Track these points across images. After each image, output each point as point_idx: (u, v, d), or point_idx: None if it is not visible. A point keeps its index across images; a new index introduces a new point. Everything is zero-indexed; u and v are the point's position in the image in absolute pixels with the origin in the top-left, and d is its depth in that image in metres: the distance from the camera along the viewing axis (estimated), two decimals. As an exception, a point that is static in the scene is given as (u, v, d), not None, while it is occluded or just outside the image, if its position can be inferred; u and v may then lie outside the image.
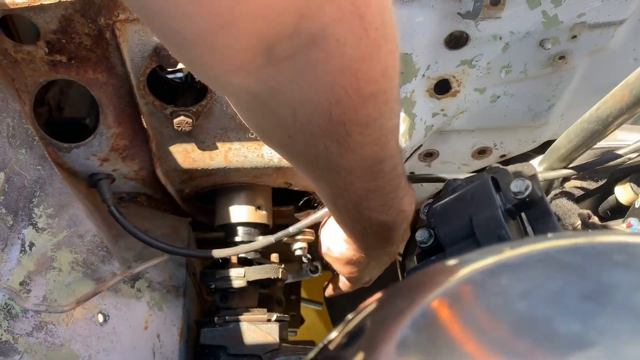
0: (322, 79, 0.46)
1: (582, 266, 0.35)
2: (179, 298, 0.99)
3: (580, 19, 0.82)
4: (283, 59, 0.43)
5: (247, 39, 0.39)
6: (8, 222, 0.72)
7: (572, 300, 0.32)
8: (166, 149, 0.91)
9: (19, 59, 0.79)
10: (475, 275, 0.36)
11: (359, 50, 0.44)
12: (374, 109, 0.50)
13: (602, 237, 0.38)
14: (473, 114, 0.95)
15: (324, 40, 0.42)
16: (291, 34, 0.41)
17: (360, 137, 0.52)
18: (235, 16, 0.37)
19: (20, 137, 0.76)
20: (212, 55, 0.42)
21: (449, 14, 0.79)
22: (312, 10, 0.40)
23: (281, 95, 0.48)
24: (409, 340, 0.32)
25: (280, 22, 0.39)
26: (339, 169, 0.56)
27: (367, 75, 0.46)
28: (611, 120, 0.63)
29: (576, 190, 0.85)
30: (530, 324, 0.31)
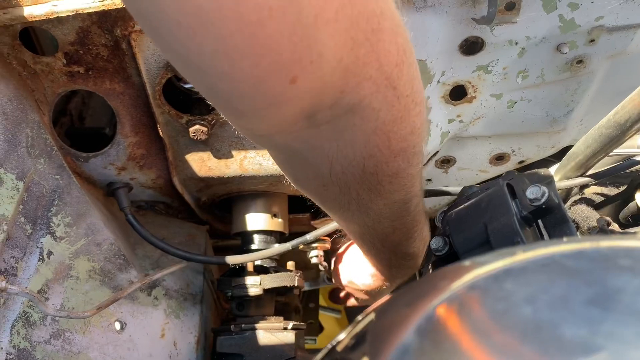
0: (358, 139, 0.51)
1: (588, 271, 0.35)
2: (196, 306, 1.00)
3: (598, 22, 0.80)
4: (323, 123, 0.47)
5: (293, 112, 0.44)
6: (27, 231, 0.73)
7: (577, 305, 0.31)
8: (182, 158, 0.92)
9: (38, 71, 0.80)
10: (480, 281, 0.36)
11: (391, 115, 0.49)
12: (403, 161, 0.55)
13: (607, 242, 0.38)
14: (490, 119, 0.94)
15: (361, 109, 0.47)
16: (332, 105, 0.45)
17: (390, 185, 0.57)
18: (285, 97, 0.41)
19: (39, 147, 0.77)
20: (259, 123, 0.46)
21: (463, 19, 0.79)
22: (352, 86, 0.44)
23: (319, 152, 0.52)
24: (413, 346, 0.32)
25: (323, 97, 0.43)
26: (369, 211, 0.62)
27: (398, 135, 0.52)
28: (630, 125, 0.62)
29: (596, 196, 0.84)
30: (536, 329, 0.31)
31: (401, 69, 0.47)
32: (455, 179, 1.07)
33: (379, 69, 0.44)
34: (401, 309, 0.37)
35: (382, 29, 0.43)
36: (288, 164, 0.58)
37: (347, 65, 0.42)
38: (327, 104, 0.45)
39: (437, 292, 0.35)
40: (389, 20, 0.43)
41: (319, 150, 0.52)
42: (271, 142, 0.52)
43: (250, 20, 0.34)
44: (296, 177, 0.60)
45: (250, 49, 0.36)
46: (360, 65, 0.43)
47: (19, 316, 0.69)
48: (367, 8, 0.40)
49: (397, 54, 0.45)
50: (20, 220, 0.73)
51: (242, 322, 0.97)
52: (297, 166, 0.57)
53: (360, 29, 0.41)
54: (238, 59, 0.36)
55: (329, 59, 0.40)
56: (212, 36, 0.35)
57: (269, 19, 0.34)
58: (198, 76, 0.41)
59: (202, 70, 0.39)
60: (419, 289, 0.41)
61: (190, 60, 0.38)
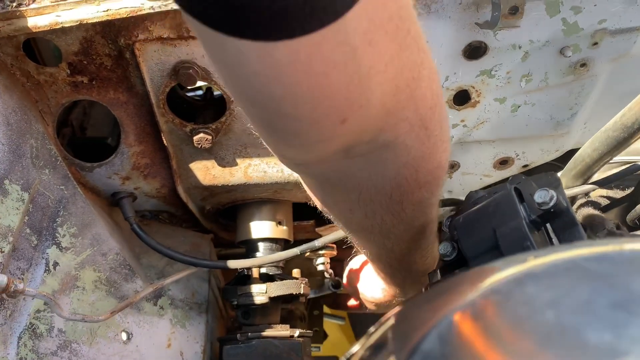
0: (389, 171, 0.55)
1: (611, 274, 0.34)
2: (202, 315, 0.99)
3: (601, 25, 0.81)
4: (358, 156, 0.51)
5: (336, 146, 0.48)
6: (32, 242, 0.73)
7: (602, 309, 0.31)
8: (186, 166, 0.92)
9: (42, 81, 0.80)
10: (501, 285, 0.35)
11: (421, 151, 0.53)
12: (427, 191, 0.59)
13: (631, 245, 0.37)
14: (494, 124, 0.94)
15: (395, 146, 0.51)
16: (369, 141, 0.49)
17: (412, 212, 0.61)
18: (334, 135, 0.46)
19: (43, 158, 0.77)
20: (304, 155, 0.51)
21: (466, 24, 0.79)
22: (390, 126, 0.48)
23: (351, 180, 0.56)
24: (434, 352, 0.32)
25: (364, 135, 0.48)
26: (390, 235, 0.65)
27: (425, 169, 0.56)
28: (637, 127, 0.62)
29: (602, 199, 0.83)
30: (559, 334, 0.30)
31: (434, 111, 0.51)
32: (459, 184, 1.07)
33: (415, 111, 0.49)
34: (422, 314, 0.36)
35: (421, 77, 0.47)
36: (319, 189, 0.62)
37: (389, 108, 0.46)
38: (366, 140, 0.49)
39: (458, 297, 0.35)
40: (427, 69, 0.48)
41: (351, 179, 0.56)
42: (308, 170, 0.57)
43: (317, 72, 0.39)
44: (325, 201, 0.64)
45: (312, 95, 0.40)
46: (400, 109, 0.48)
47: (25, 328, 0.69)
48: (410, 59, 0.45)
49: (431, 98, 0.50)
50: (26, 231, 0.72)
51: (248, 330, 0.97)
52: (327, 192, 0.61)
53: (403, 78, 0.45)
54: (301, 103, 0.41)
55: (375, 103, 0.44)
56: (283, 84, 0.39)
57: (332, 71, 0.39)
58: (260, 114, 0.46)
59: (266, 109, 0.44)
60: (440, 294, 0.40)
61: (258, 101, 0.43)
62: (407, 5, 0.43)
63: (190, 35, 0.76)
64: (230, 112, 0.85)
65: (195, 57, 0.78)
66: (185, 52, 0.77)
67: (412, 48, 0.45)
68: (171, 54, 0.77)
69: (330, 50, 0.37)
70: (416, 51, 0.46)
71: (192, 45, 0.77)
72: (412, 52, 0.45)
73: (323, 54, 0.38)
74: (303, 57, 0.37)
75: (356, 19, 0.37)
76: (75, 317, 0.69)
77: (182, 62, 0.78)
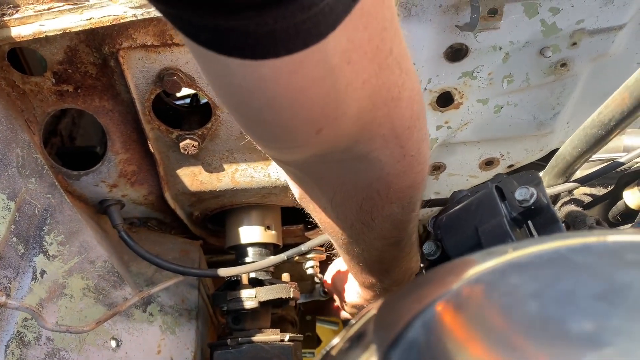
0: (360, 181, 0.56)
1: (594, 265, 0.34)
2: (192, 321, 0.99)
3: (579, 25, 0.82)
4: (332, 162, 0.53)
5: (312, 152, 0.50)
6: (19, 251, 0.73)
7: (584, 300, 0.31)
8: (174, 173, 0.92)
9: (27, 91, 0.81)
10: (485, 275, 0.36)
11: (395, 169, 0.55)
12: (397, 207, 0.60)
13: (614, 237, 0.37)
14: (477, 125, 0.95)
15: (369, 159, 0.53)
16: (344, 150, 0.51)
17: (382, 224, 0.62)
18: (309, 143, 0.48)
19: (30, 167, 0.77)
20: (282, 156, 0.53)
21: (447, 27, 0.80)
22: (365, 139, 0.50)
23: (325, 181, 0.58)
24: (419, 340, 0.32)
25: (338, 144, 0.49)
26: (360, 241, 0.67)
27: (398, 186, 0.57)
28: (614, 124, 0.63)
29: (585, 197, 0.84)
30: (542, 324, 0.30)
31: (412, 132, 0.53)
32: (445, 185, 1.08)
33: (391, 129, 0.51)
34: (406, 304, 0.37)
35: (401, 98, 0.49)
36: (298, 182, 0.64)
37: (364, 123, 0.48)
38: (340, 149, 0.50)
39: (442, 286, 0.35)
40: (408, 90, 0.50)
41: (326, 181, 0.58)
42: (287, 167, 0.59)
43: (295, 87, 0.41)
44: (303, 195, 0.65)
45: (290, 106, 0.43)
46: (376, 125, 0.49)
47: (13, 336, 0.69)
48: (390, 79, 0.47)
49: (410, 119, 0.52)
50: (13, 240, 0.72)
51: (238, 335, 0.97)
52: (306, 185, 0.62)
53: (381, 97, 0.47)
54: (279, 112, 0.43)
55: (350, 116, 0.46)
56: (265, 97, 0.42)
57: (311, 86, 0.41)
58: (243, 120, 0.49)
59: (248, 117, 0.47)
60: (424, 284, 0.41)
61: (240, 109, 0.46)
62: (391, 27, 0.44)
63: (174, 43, 0.76)
64: (215, 118, 0.86)
65: (179, 63, 0.78)
66: (170, 59, 0.78)
67: (393, 69, 0.47)
68: (155, 61, 0.78)
69: (310, 68, 0.39)
70: (397, 72, 0.47)
71: (176, 52, 0.77)
72: (392, 72, 0.47)
73: (304, 72, 0.40)
74: (285, 74, 0.39)
75: (336, 39, 0.38)
76: (60, 329, 0.69)
77: (167, 69, 0.79)
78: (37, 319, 0.65)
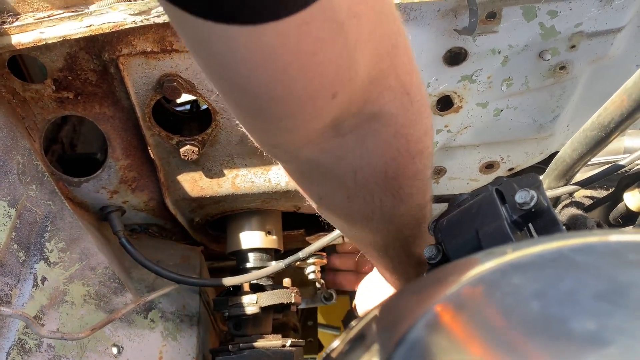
0: (379, 144, 0.55)
1: (596, 265, 0.34)
2: (193, 327, 0.99)
3: (578, 28, 0.82)
4: (347, 132, 0.52)
5: (326, 122, 0.48)
6: (20, 258, 0.73)
7: (586, 299, 0.31)
8: (174, 179, 0.92)
9: (28, 98, 0.81)
10: (487, 276, 0.36)
11: (407, 118, 0.54)
12: (420, 163, 0.59)
13: (616, 236, 0.37)
14: (477, 128, 0.95)
15: (382, 116, 0.52)
16: (355, 114, 0.50)
17: (410, 188, 0.61)
18: (326, 111, 0.46)
19: (30, 174, 0.77)
20: (288, 134, 0.49)
21: (445, 30, 0.80)
22: (375, 95, 0.49)
23: (344, 161, 0.56)
24: (421, 340, 0.32)
25: (351, 107, 0.48)
26: (393, 218, 0.64)
27: (415, 137, 0.56)
28: (613, 126, 0.63)
29: (586, 199, 0.84)
30: (544, 324, 0.30)
31: (412, 76, 0.52)
32: (446, 189, 1.08)
33: (396, 78, 0.50)
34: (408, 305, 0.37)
35: (399, 45, 0.48)
36: (310, 180, 0.61)
37: (373, 77, 0.47)
38: (353, 112, 0.49)
39: (444, 287, 0.35)
40: (402, 36, 0.49)
41: (344, 161, 0.56)
42: (299, 156, 0.55)
43: (306, 51, 0.39)
44: (319, 194, 0.63)
45: (302, 75, 0.40)
46: (383, 77, 0.48)
47: (14, 343, 0.69)
48: (388, 27, 0.46)
49: (409, 63, 0.52)
50: (13, 247, 0.72)
51: (240, 341, 0.97)
52: (320, 181, 0.60)
53: (384, 46, 0.46)
54: (292, 84, 0.41)
55: (361, 74, 0.45)
56: (273, 68, 0.39)
57: (321, 49, 0.39)
58: (251, 101, 0.45)
59: (257, 95, 0.43)
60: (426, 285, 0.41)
61: (248, 88, 0.42)
62: None
63: (173, 49, 0.77)
64: (216, 124, 0.86)
65: (179, 69, 0.79)
66: (169, 65, 0.78)
67: (390, 16, 0.46)
68: (155, 67, 0.78)
69: (318, 28, 0.38)
70: (393, 19, 0.47)
71: (175, 58, 0.78)
72: (389, 20, 0.46)
73: (311, 33, 0.38)
74: (292, 38, 0.37)
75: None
76: (55, 335, 0.69)
77: (167, 75, 0.79)
78: (32, 325, 0.65)
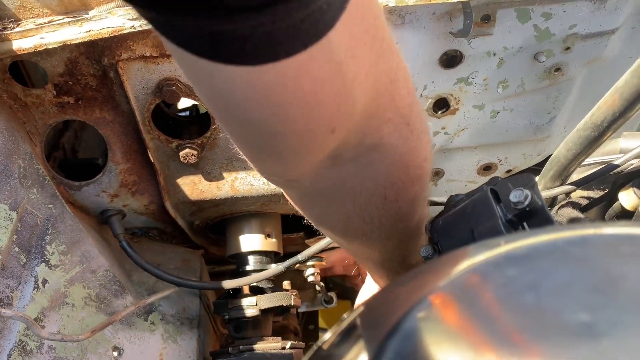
0: (379, 172, 0.56)
1: (590, 258, 0.35)
2: (193, 330, 1.00)
3: (572, 30, 0.83)
4: (347, 161, 0.53)
5: (325, 154, 0.49)
6: (21, 260, 0.74)
7: (580, 291, 0.32)
8: (174, 182, 0.93)
9: (29, 103, 0.82)
10: (482, 267, 0.36)
11: (407, 147, 0.55)
12: (419, 187, 0.61)
13: (610, 229, 0.38)
14: (474, 130, 0.96)
15: (381, 146, 0.53)
16: (355, 146, 0.51)
17: (409, 209, 0.63)
18: (325, 145, 0.47)
19: (31, 178, 0.78)
20: (288, 166, 0.51)
21: (441, 33, 0.81)
22: (373, 128, 0.50)
23: (343, 187, 0.57)
24: (415, 330, 0.32)
25: (350, 140, 0.49)
26: (391, 236, 0.65)
27: (415, 163, 0.58)
28: (606, 125, 0.63)
29: (582, 200, 0.85)
30: (539, 315, 0.31)
31: (412, 108, 0.54)
32: (444, 191, 1.08)
33: (395, 111, 0.52)
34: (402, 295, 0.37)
35: (398, 79, 0.50)
36: (310, 204, 0.63)
37: (371, 112, 0.48)
38: (352, 144, 0.51)
39: (438, 277, 0.35)
40: (402, 70, 0.51)
41: (344, 186, 0.57)
42: (299, 186, 0.57)
43: (306, 90, 0.40)
44: (319, 215, 0.65)
45: (302, 112, 0.42)
46: (382, 112, 0.50)
47: (15, 345, 0.70)
48: (387, 64, 0.48)
49: (408, 96, 0.53)
50: (15, 249, 0.73)
51: (239, 344, 0.97)
52: (320, 204, 0.62)
53: (382, 82, 0.48)
54: (292, 121, 0.42)
55: (359, 110, 0.46)
56: (274, 106, 0.40)
57: (321, 88, 0.41)
58: (251, 136, 0.46)
59: (257, 131, 0.45)
60: (420, 276, 0.41)
61: (248, 124, 0.44)
62: (381, 14, 0.45)
63: (172, 53, 0.78)
64: (215, 127, 0.87)
65: (178, 73, 0.80)
66: (168, 69, 0.79)
67: (388, 54, 0.47)
68: (154, 71, 0.79)
69: (317, 68, 0.39)
70: (391, 56, 0.48)
71: (174, 62, 0.78)
72: (388, 57, 0.47)
73: (311, 73, 0.39)
74: (291, 78, 0.38)
75: (339, 36, 0.38)
76: (55, 337, 0.70)
77: (166, 79, 0.80)
78: (32, 327, 0.65)
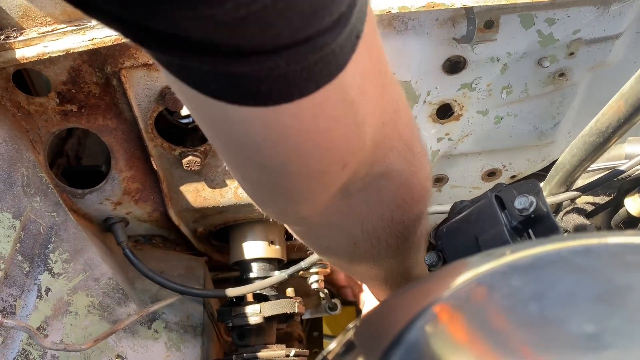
0: (386, 197, 0.57)
1: (595, 267, 0.34)
2: (197, 338, 0.99)
3: (576, 35, 0.82)
4: (355, 192, 0.54)
5: (333, 190, 0.50)
6: (24, 269, 0.74)
7: (585, 302, 0.31)
8: (177, 189, 0.93)
9: (32, 111, 0.82)
10: (486, 277, 0.36)
11: (410, 170, 0.57)
12: (423, 205, 0.63)
13: (614, 238, 0.37)
14: (478, 136, 0.96)
15: (388, 173, 0.54)
16: (363, 177, 0.52)
17: (413, 227, 0.64)
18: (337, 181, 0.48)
19: (34, 186, 0.78)
20: (299, 205, 0.51)
21: (444, 39, 0.81)
22: (380, 157, 0.51)
23: (352, 216, 0.58)
24: (419, 342, 0.32)
25: (357, 172, 0.50)
26: (397, 254, 0.67)
27: (418, 184, 0.59)
28: (611, 131, 0.63)
29: (588, 205, 0.84)
30: (543, 326, 0.30)
31: (412, 132, 0.55)
32: (448, 197, 1.08)
33: (399, 138, 0.53)
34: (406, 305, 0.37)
35: (399, 108, 0.51)
36: (317, 236, 0.64)
37: (378, 142, 0.49)
38: (361, 175, 0.52)
39: (442, 288, 0.35)
40: (402, 98, 0.52)
41: (352, 216, 0.58)
42: (309, 222, 0.57)
43: (320, 129, 0.40)
44: (326, 246, 0.66)
45: (316, 151, 0.42)
46: (387, 140, 0.51)
47: (18, 354, 0.69)
48: (390, 96, 0.49)
49: (409, 122, 0.55)
50: (18, 258, 0.73)
51: (243, 351, 0.97)
52: (327, 235, 0.62)
53: (387, 113, 0.49)
54: (306, 160, 0.43)
55: (368, 143, 0.47)
56: (290, 145, 0.41)
57: (335, 127, 0.41)
58: (265, 177, 0.47)
59: (272, 172, 0.45)
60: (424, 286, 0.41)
61: (263, 165, 0.44)
62: (382, 47, 0.45)
63: (175, 61, 0.78)
64: (217, 134, 0.87)
65: (180, 81, 0.79)
66: (171, 77, 0.79)
67: (391, 85, 0.48)
68: (157, 79, 0.79)
69: (331, 107, 0.40)
70: (393, 86, 0.49)
71: (177, 70, 0.78)
72: (391, 88, 0.49)
73: (325, 112, 0.40)
74: (306, 118, 0.39)
75: (351, 75, 0.39)
76: (57, 347, 0.70)
77: (168, 87, 0.80)
78: (34, 337, 0.65)
